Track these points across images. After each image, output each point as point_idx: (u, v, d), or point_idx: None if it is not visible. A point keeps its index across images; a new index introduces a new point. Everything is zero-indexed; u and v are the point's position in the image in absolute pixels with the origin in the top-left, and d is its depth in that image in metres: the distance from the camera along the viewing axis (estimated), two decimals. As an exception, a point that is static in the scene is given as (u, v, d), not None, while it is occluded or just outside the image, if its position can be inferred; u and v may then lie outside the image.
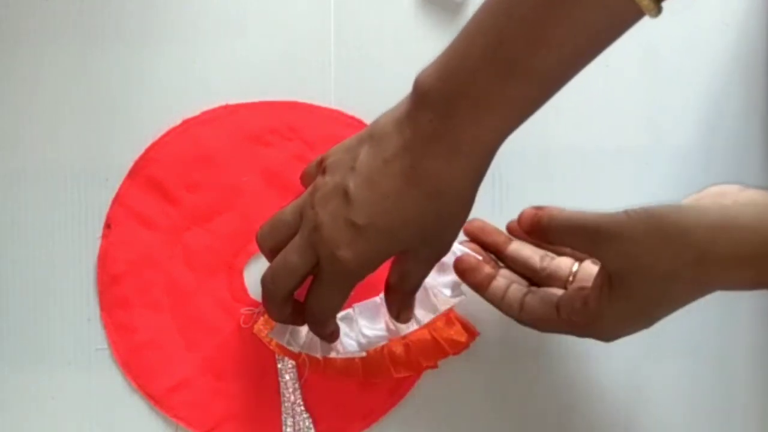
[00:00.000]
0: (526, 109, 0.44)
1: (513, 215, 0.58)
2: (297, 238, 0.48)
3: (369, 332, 0.55)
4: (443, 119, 0.44)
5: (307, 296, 0.50)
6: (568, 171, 0.59)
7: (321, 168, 0.49)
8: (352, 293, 0.51)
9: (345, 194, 0.46)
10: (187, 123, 0.59)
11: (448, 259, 0.55)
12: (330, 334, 0.52)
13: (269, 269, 0.50)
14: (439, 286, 0.55)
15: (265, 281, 0.50)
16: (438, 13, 0.59)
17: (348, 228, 0.46)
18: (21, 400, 0.58)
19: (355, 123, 0.58)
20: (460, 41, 0.44)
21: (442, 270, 0.55)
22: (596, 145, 0.59)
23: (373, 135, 0.47)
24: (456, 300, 0.55)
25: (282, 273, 0.49)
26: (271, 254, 0.51)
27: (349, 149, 0.48)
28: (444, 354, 0.56)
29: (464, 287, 0.55)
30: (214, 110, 0.59)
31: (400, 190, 0.45)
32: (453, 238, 0.48)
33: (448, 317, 0.56)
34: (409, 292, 0.51)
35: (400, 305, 0.52)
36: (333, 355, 0.56)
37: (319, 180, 0.48)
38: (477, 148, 0.44)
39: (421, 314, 0.55)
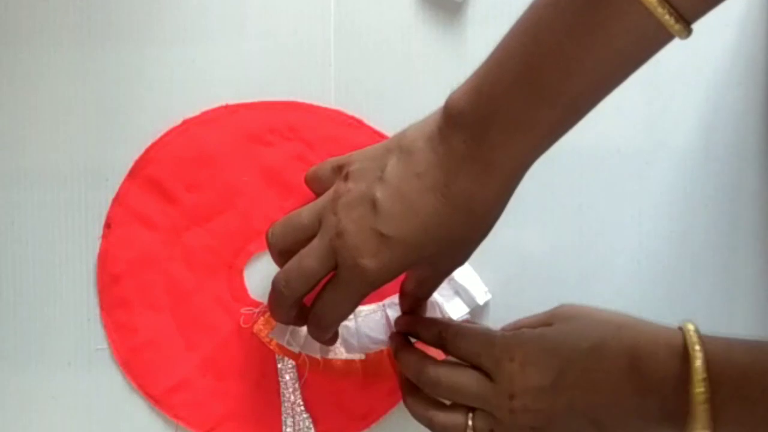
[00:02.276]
0: (556, 131, 0.44)
1: (513, 215, 0.58)
2: (316, 243, 0.48)
3: (369, 338, 0.55)
4: (476, 141, 0.44)
5: (317, 301, 0.49)
6: (568, 171, 0.59)
7: (342, 174, 0.49)
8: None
9: (372, 204, 0.46)
10: (187, 123, 0.59)
11: (462, 281, 0.56)
12: (329, 340, 0.52)
13: (282, 272, 0.49)
14: (448, 308, 0.56)
15: (278, 284, 0.49)
16: (438, 13, 0.59)
17: (374, 237, 0.46)
18: (21, 400, 0.58)
19: (355, 123, 0.58)
20: (491, 65, 0.44)
21: (456, 294, 0.56)
22: (596, 145, 0.59)
23: (402, 147, 0.47)
24: (461, 316, 0.56)
25: (296, 277, 0.48)
26: (280, 256, 0.50)
27: (375, 158, 0.48)
28: (444, 354, 0.56)
29: (468, 301, 0.56)
30: (214, 110, 0.59)
31: (434, 206, 0.45)
32: (473, 251, 0.48)
33: (448, 318, 0.57)
34: (423, 298, 0.52)
35: (412, 307, 0.53)
36: (332, 356, 0.56)
37: (341, 186, 0.48)
38: (508, 170, 0.45)
39: None
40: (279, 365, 0.57)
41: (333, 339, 0.53)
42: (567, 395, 0.46)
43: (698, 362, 0.43)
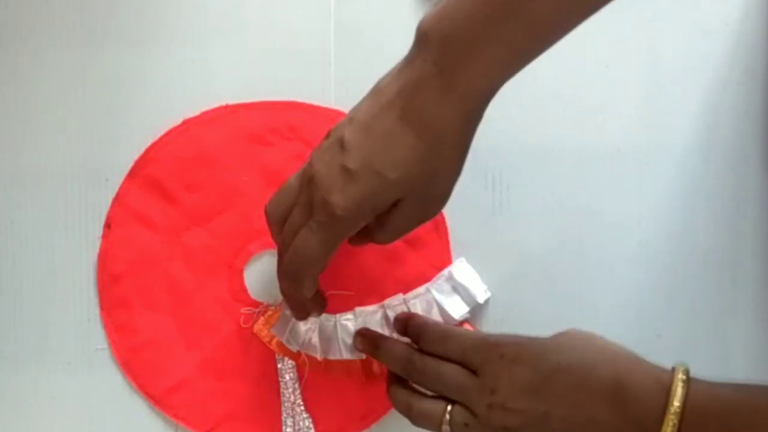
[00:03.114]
0: (519, 56, 0.44)
1: (513, 215, 0.58)
2: (300, 197, 0.48)
3: None
4: (437, 59, 0.44)
5: (291, 245, 0.48)
6: (568, 171, 0.59)
7: (326, 135, 0.49)
8: (352, 293, 0.52)
9: (340, 143, 0.46)
10: (187, 123, 0.59)
11: (461, 279, 0.55)
12: (303, 304, 0.51)
13: (281, 238, 0.49)
14: (447, 305, 0.56)
15: (280, 251, 0.50)
16: (438, 13, 0.59)
17: (341, 173, 0.45)
18: (21, 400, 0.58)
19: (355, 123, 0.58)
20: None
21: (454, 291, 0.56)
22: (596, 145, 0.59)
23: (373, 90, 0.47)
24: (461, 318, 0.56)
25: (291, 235, 0.48)
26: (277, 224, 0.50)
27: (351, 110, 0.48)
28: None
29: (467, 300, 0.56)
30: (214, 110, 0.59)
31: (392, 130, 0.45)
32: (442, 192, 0.47)
33: (448, 317, 0.57)
34: (385, 241, 0.50)
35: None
36: (331, 356, 0.56)
37: (322, 142, 0.49)
38: (469, 90, 0.44)
39: None
40: (279, 365, 0.57)
41: (313, 307, 0.52)
42: (547, 403, 0.46)
43: (677, 394, 0.44)
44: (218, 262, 0.58)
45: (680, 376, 0.45)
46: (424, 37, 0.44)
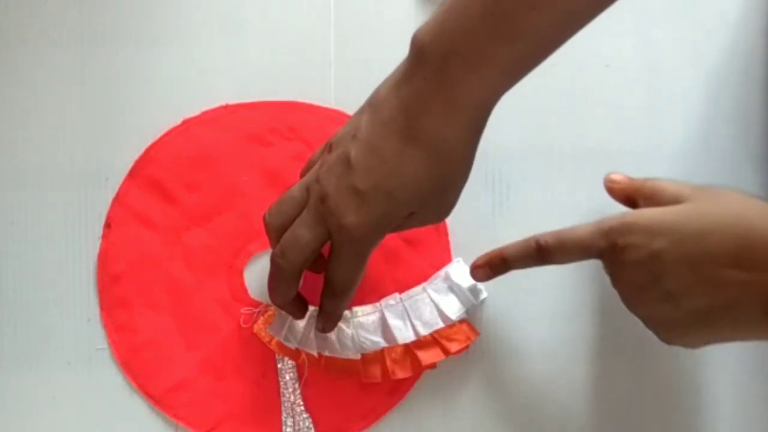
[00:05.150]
0: (519, 68, 0.44)
1: (513, 215, 0.58)
2: (305, 213, 0.49)
3: (366, 339, 0.55)
4: (437, 76, 0.44)
5: (327, 271, 0.50)
6: (568, 171, 0.59)
7: (326, 147, 0.50)
8: (353, 293, 0.52)
9: (347, 162, 0.46)
10: (187, 123, 0.59)
11: (458, 279, 0.55)
12: (296, 305, 0.53)
13: (279, 245, 0.50)
14: (443, 305, 0.56)
15: (275, 257, 0.50)
16: (438, 13, 0.59)
17: (351, 195, 0.46)
18: (21, 400, 0.58)
19: (355, 123, 0.58)
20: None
21: (451, 291, 0.56)
22: (596, 145, 0.59)
23: (371, 102, 0.47)
24: (457, 318, 0.56)
25: (292, 247, 0.49)
26: (276, 234, 0.50)
27: (351, 122, 0.48)
28: (443, 354, 0.56)
29: (463, 299, 0.56)
30: (214, 110, 0.59)
31: (399, 150, 0.45)
32: (452, 201, 0.48)
33: (448, 317, 0.57)
34: None
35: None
36: (327, 353, 0.56)
37: (325, 156, 0.49)
38: (471, 107, 0.44)
39: (421, 327, 0.56)
40: (279, 365, 0.57)
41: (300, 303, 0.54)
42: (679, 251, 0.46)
43: None
44: (218, 262, 0.58)
45: None
46: (421, 53, 0.44)
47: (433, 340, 0.56)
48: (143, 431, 0.58)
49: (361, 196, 0.46)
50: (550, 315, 0.58)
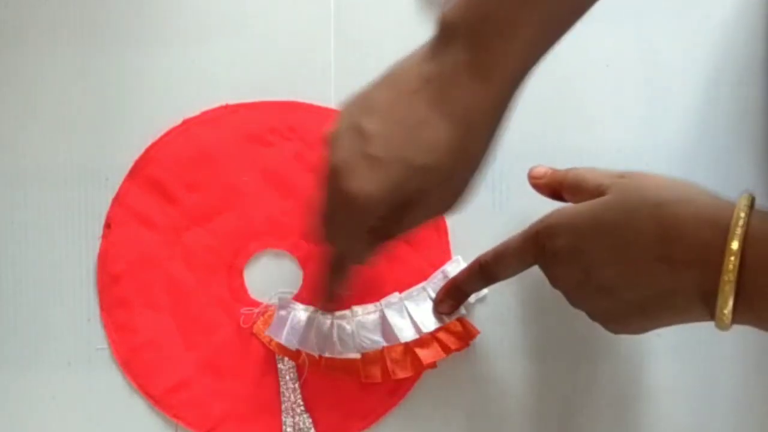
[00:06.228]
0: (550, 34, 0.44)
1: (513, 215, 0.58)
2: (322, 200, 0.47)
3: (366, 338, 0.55)
4: (473, 47, 0.43)
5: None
6: (568, 171, 0.59)
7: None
8: (350, 292, 0.52)
9: (359, 132, 0.45)
10: (187, 123, 0.59)
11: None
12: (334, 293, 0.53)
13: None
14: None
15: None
16: (438, 13, 0.59)
17: (365, 161, 0.44)
18: (21, 400, 0.58)
19: (355, 123, 0.58)
20: None
21: None
22: (596, 145, 0.59)
23: (388, 78, 0.46)
24: (456, 316, 0.56)
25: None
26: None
27: (357, 99, 0.47)
28: (444, 352, 0.56)
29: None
30: (214, 110, 0.59)
31: (426, 118, 0.44)
32: (460, 187, 0.46)
33: (448, 317, 0.57)
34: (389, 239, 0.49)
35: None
36: (328, 354, 0.56)
37: (333, 134, 0.47)
38: (505, 76, 0.44)
39: (422, 326, 0.56)
40: (279, 365, 0.57)
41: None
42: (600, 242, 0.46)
43: (736, 232, 0.41)
44: (218, 262, 0.58)
45: (740, 213, 0.42)
46: (451, 27, 0.44)
47: (434, 339, 0.56)
48: (143, 431, 0.58)
49: (377, 163, 0.44)
50: (551, 313, 0.58)
